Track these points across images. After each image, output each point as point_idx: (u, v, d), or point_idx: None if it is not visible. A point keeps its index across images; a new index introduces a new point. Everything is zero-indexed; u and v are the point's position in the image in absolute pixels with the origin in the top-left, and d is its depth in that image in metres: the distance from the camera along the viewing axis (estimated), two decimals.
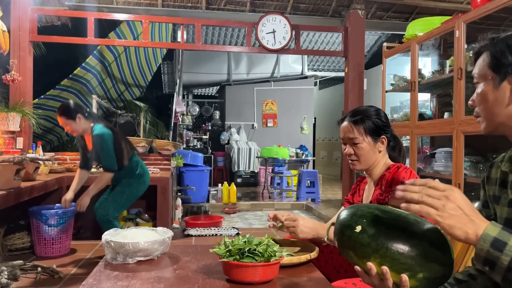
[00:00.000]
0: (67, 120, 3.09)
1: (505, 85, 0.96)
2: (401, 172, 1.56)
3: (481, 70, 1.00)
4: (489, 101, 0.99)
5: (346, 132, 1.67)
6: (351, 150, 1.66)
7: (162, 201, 4.05)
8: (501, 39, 0.98)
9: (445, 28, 3.13)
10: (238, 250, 1.34)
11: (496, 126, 1.00)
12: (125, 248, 1.55)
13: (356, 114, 1.69)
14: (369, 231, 0.96)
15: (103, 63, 6.82)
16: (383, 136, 1.66)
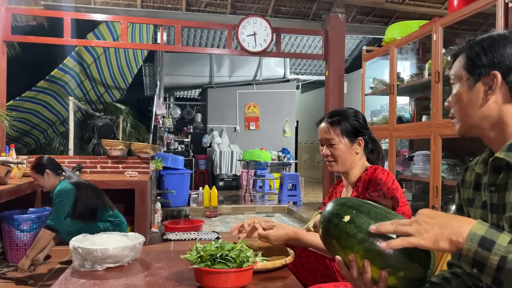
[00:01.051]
0: (35, 174, 3.01)
1: (479, 87, 0.97)
2: (378, 173, 1.55)
3: (457, 72, 1.01)
4: (464, 102, 0.99)
5: (323, 133, 1.67)
6: (328, 151, 1.67)
7: (140, 205, 3.97)
8: (476, 41, 0.99)
9: (423, 32, 3.16)
10: (209, 256, 1.30)
11: (470, 128, 1.00)
12: (93, 254, 1.49)
13: (333, 115, 1.69)
14: (357, 222, 0.95)
15: (82, 64, 6.69)
16: (360, 138, 1.66)
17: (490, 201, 0.97)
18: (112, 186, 4.00)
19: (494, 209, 0.96)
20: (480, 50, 0.97)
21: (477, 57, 0.96)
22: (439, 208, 2.91)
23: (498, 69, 0.94)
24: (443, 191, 2.95)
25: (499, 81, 0.94)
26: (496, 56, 0.95)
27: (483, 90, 0.96)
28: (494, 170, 0.97)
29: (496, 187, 0.96)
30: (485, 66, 0.95)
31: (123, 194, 4.15)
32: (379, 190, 1.49)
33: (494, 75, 0.94)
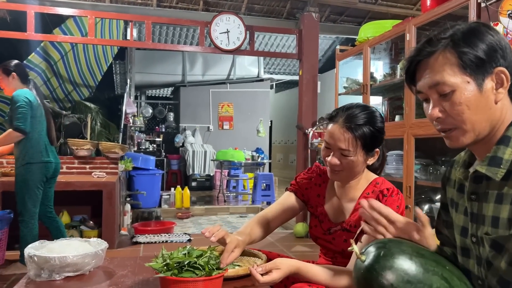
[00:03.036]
0: (1, 73, 3.11)
1: (487, 87, 0.85)
2: (395, 199, 1.35)
3: (449, 76, 0.85)
4: (473, 108, 0.85)
5: (336, 140, 1.36)
6: (337, 161, 1.38)
7: (108, 207, 3.83)
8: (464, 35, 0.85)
9: (396, 32, 3.16)
10: (176, 264, 1.21)
11: (478, 135, 0.87)
12: (50, 263, 1.38)
13: (357, 118, 1.35)
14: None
15: (48, 61, 6.43)
16: (377, 150, 1.42)
17: (471, 210, 0.92)
18: (78, 187, 3.85)
19: (474, 219, 0.91)
20: (477, 42, 0.83)
21: (476, 50, 0.83)
22: (412, 208, 2.91)
23: (500, 64, 0.85)
24: (416, 191, 2.95)
25: (508, 77, 0.84)
26: (493, 48, 0.84)
27: (492, 89, 0.85)
28: (474, 180, 0.91)
29: (477, 195, 0.90)
30: (487, 62, 0.83)
31: (91, 196, 4.00)
32: None
33: (502, 71, 0.84)
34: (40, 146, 3.16)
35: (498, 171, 0.84)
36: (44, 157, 3.16)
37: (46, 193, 3.30)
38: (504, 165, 0.84)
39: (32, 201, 3.10)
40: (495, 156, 0.85)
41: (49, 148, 3.25)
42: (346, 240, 1.42)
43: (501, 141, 0.86)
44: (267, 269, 1.23)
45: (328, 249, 1.52)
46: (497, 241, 0.84)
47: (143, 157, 6.54)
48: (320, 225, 1.53)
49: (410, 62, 0.92)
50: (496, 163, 0.85)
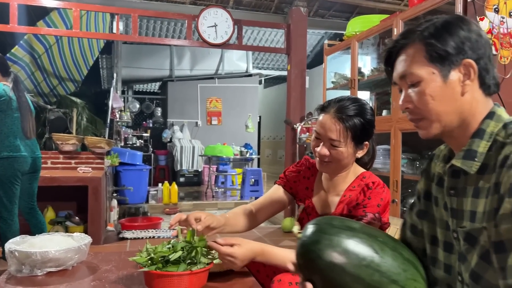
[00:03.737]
0: None
1: (453, 78, 0.86)
2: (380, 191, 1.36)
3: (417, 68, 0.87)
4: (438, 99, 0.87)
5: (327, 130, 1.36)
6: (326, 151, 1.37)
7: (94, 203, 3.76)
8: (434, 28, 0.87)
9: (384, 26, 3.16)
10: (161, 258, 1.19)
11: (444, 127, 0.89)
12: (31, 258, 1.35)
13: (348, 109, 1.36)
14: None
15: (32, 54, 6.31)
16: (366, 142, 1.41)
17: (450, 205, 0.92)
18: (63, 182, 3.77)
19: (454, 214, 0.91)
20: (445, 35, 0.85)
21: (444, 43, 0.85)
22: (399, 202, 2.92)
23: (468, 56, 0.85)
24: (403, 185, 2.96)
25: (475, 68, 0.85)
26: (464, 40, 0.85)
27: (459, 81, 0.86)
28: (452, 175, 0.91)
29: (456, 190, 0.90)
30: (454, 54, 0.85)
31: (76, 191, 3.93)
32: (377, 213, 1.32)
33: (469, 63, 0.85)
34: (9, 141, 3.05)
35: (473, 164, 0.85)
36: (14, 152, 3.06)
37: (27, 190, 3.22)
38: (478, 158, 0.84)
39: (7, 196, 3.02)
40: (470, 149, 0.86)
41: (22, 142, 3.15)
42: None
43: (476, 134, 0.86)
44: (227, 242, 1.25)
45: None
46: (471, 233, 0.84)
47: (130, 152, 6.47)
48: (308, 217, 1.52)
49: (388, 54, 0.96)
50: (471, 156, 0.85)
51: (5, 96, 2.98)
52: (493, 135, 0.85)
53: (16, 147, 3.07)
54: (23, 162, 3.11)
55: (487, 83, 0.87)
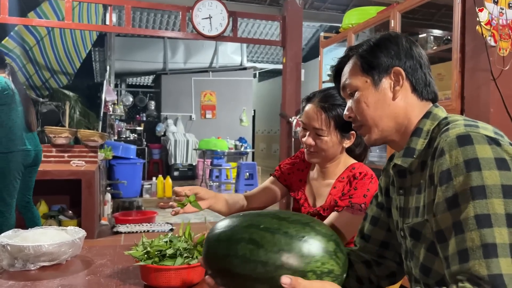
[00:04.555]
0: None
1: (384, 84, 0.93)
2: (367, 182, 1.35)
3: (352, 78, 0.97)
4: (372, 105, 0.94)
5: (310, 118, 1.39)
6: (311, 141, 1.40)
7: (88, 197, 3.73)
8: (367, 43, 0.97)
9: (381, 18, 3.13)
10: (157, 252, 1.17)
11: (382, 132, 0.94)
12: (24, 252, 1.32)
13: (330, 98, 1.39)
14: None
15: (23, 46, 6.21)
16: (352, 132, 1.40)
17: (399, 205, 0.95)
18: (56, 176, 3.74)
19: (401, 213, 0.94)
20: (375, 48, 0.94)
21: (374, 56, 0.94)
22: None
23: (397, 65, 0.92)
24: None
25: (403, 75, 0.92)
26: (393, 52, 0.93)
27: (389, 87, 0.93)
28: (399, 174, 0.94)
29: (404, 190, 0.94)
30: (384, 64, 0.93)
31: (69, 185, 3.90)
32: (363, 204, 1.32)
33: (398, 71, 0.92)
34: (15, 134, 3.02)
35: (411, 160, 0.89)
36: (20, 145, 3.03)
37: (26, 183, 3.19)
38: (416, 155, 0.89)
39: (8, 191, 2.97)
40: (409, 147, 0.90)
41: (27, 135, 3.12)
42: None
43: (414, 133, 0.91)
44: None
45: None
46: (415, 228, 0.87)
47: (124, 146, 6.42)
48: (300, 209, 1.54)
49: (335, 71, 1.06)
50: (409, 154, 0.90)
51: (8, 90, 2.93)
52: (429, 133, 0.89)
53: (21, 141, 3.05)
54: (28, 156, 3.09)
55: (418, 89, 0.93)
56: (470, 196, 0.73)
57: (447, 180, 0.76)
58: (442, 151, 0.79)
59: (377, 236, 1.04)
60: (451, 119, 0.87)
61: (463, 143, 0.77)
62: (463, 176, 0.74)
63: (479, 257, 0.70)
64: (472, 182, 0.73)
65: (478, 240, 0.70)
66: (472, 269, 0.70)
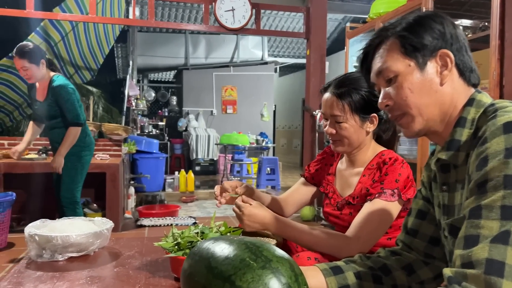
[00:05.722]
0: (29, 63, 2.80)
1: (430, 68, 0.84)
2: (397, 167, 1.30)
3: (393, 62, 0.86)
4: (417, 91, 0.84)
5: (328, 107, 1.38)
6: (333, 130, 1.38)
7: (112, 190, 3.75)
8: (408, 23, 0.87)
9: (412, 5, 3.01)
10: (188, 243, 1.12)
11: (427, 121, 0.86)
12: (52, 242, 1.29)
13: (342, 84, 1.37)
14: None
15: (49, 42, 6.29)
16: (373, 115, 1.37)
17: (442, 202, 0.87)
18: None
19: (445, 211, 0.86)
20: (418, 28, 0.85)
21: (418, 36, 0.84)
22: None
23: (444, 47, 0.83)
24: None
25: (452, 58, 0.84)
26: (438, 32, 0.84)
27: (436, 71, 0.84)
28: (442, 169, 0.86)
29: (448, 186, 0.85)
30: (429, 45, 0.84)
31: (94, 178, 3.91)
32: (396, 189, 1.27)
33: (446, 53, 0.84)
34: (87, 129, 3.21)
35: (456, 154, 0.82)
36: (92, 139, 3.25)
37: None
38: (462, 148, 0.81)
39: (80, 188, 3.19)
40: (453, 139, 0.83)
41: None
42: (352, 213, 1.39)
43: (457, 123, 0.84)
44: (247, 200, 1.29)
45: (338, 226, 1.49)
46: (453, 224, 0.80)
47: (147, 140, 6.44)
48: (330, 201, 1.52)
49: (364, 55, 0.96)
50: (454, 147, 0.82)
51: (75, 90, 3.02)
52: (474, 122, 0.81)
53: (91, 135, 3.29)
54: None
55: (465, 74, 0.86)
56: (501, 184, 0.65)
57: (482, 166, 0.69)
58: (485, 139, 0.72)
59: (425, 231, 0.97)
60: (499, 105, 0.77)
61: (509, 130, 0.69)
62: (499, 162, 0.67)
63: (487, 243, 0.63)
64: (508, 170, 0.66)
65: (497, 230, 0.63)
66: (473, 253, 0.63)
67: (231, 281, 0.72)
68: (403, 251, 1.01)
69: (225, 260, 0.75)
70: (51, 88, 2.89)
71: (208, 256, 0.79)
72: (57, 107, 2.96)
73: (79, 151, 3.10)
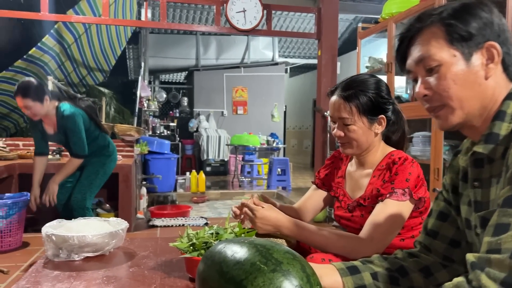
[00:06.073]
0: (33, 102, 2.66)
1: (476, 60, 0.80)
2: (407, 166, 1.29)
3: (436, 50, 0.81)
4: (460, 83, 0.80)
5: (335, 109, 1.38)
6: (341, 132, 1.38)
7: (124, 190, 3.78)
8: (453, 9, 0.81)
9: (425, 6, 2.98)
10: (203, 244, 1.13)
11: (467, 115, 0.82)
12: (69, 242, 1.31)
13: (349, 86, 1.37)
14: None
15: (62, 44, 6.37)
16: (381, 116, 1.37)
17: (474, 198, 0.84)
18: None
19: (478, 208, 0.82)
20: (465, 15, 0.80)
21: (465, 23, 0.79)
22: None
23: (491, 39, 0.79)
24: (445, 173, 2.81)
25: (499, 51, 0.79)
26: (486, 22, 0.80)
27: (481, 64, 0.80)
28: (475, 164, 0.83)
29: (480, 182, 0.82)
30: (476, 35, 0.79)
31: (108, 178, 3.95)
32: (406, 188, 1.26)
33: (493, 45, 0.79)
34: (108, 138, 3.26)
35: (494, 147, 0.78)
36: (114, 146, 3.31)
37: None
38: (501, 142, 0.78)
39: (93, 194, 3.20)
40: (491, 132, 0.79)
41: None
42: (363, 215, 1.39)
43: (496, 116, 0.80)
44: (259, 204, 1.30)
45: (350, 228, 1.49)
46: (486, 217, 0.76)
47: (158, 141, 6.48)
48: (341, 204, 1.52)
49: (401, 40, 0.90)
50: (492, 140, 0.79)
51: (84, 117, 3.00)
52: None
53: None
54: None
55: (509, 68, 0.81)
56: None
57: None
58: None
59: (445, 233, 0.95)
60: None
61: None
62: None
63: None
64: None
65: None
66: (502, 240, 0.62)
67: (243, 286, 0.72)
68: (421, 253, 1.00)
69: (236, 264, 0.76)
70: (59, 119, 2.79)
71: (220, 260, 0.79)
72: None
73: (103, 160, 3.15)
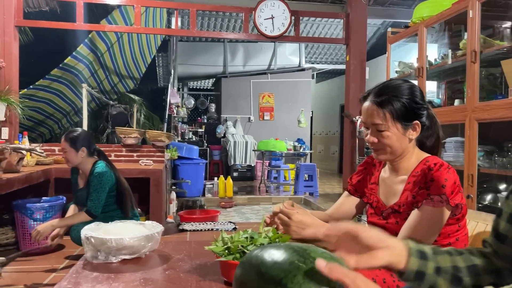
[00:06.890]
0: (70, 147, 2.79)
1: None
2: (443, 172, 1.26)
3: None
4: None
5: (368, 115, 1.35)
6: (374, 139, 1.35)
7: (155, 194, 3.85)
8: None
9: (457, 9, 2.94)
10: (238, 248, 1.14)
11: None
12: (107, 245, 1.35)
13: (382, 92, 1.34)
14: None
15: (95, 52, 6.59)
16: (416, 122, 1.34)
17: None
18: (126, 174, 3.87)
19: None
20: None
21: None
22: (475, 198, 2.71)
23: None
24: (479, 179, 2.75)
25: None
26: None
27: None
28: None
29: None
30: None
31: (138, 183, 4.04)
32: (443, 195, 1.23)
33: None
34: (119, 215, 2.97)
35: None
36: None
37: None
38: None
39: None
40: None
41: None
42: (398, 222, 1.36)
43: None
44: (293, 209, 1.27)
45: None
46: None
47: (187, 146, 6.58)
48: (375, 211, 1.49)
49: None
50: None
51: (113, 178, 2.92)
52: None
53: None
54: None
55: None
56: None
57: None
58: None
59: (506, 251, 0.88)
60: None
61: None
62: None
63: None
64: None
65: None
66: None
67: (283, 284, 0.73)
68: (491, 256, 0.94)
69: (274, 264, 0.77)
70: (90, 175, 2.83)
71: (257, 263, 0.80)
72: None
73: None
